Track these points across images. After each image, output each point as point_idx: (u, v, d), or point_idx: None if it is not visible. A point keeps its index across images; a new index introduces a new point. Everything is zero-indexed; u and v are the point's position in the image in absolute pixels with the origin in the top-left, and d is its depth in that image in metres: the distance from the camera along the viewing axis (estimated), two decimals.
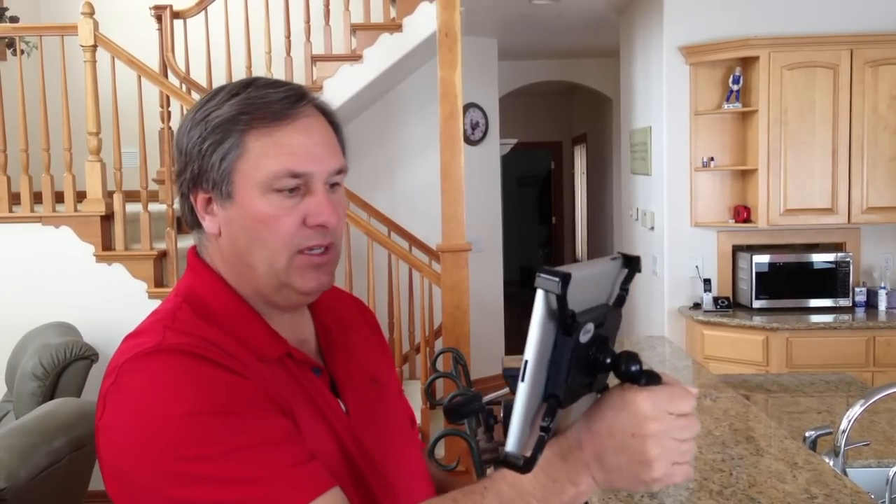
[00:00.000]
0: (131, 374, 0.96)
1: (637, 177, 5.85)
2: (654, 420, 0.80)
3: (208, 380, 0.95)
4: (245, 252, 1.06)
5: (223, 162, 1.03)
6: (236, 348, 1.01)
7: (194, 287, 1.09)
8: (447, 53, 4.37)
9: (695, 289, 5.06)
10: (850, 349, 4.48)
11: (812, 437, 2.12)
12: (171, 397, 0.93)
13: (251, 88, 1.06)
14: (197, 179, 1.06)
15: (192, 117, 1.07)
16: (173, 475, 0.91)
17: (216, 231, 1.08)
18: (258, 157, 1.03)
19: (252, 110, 1.03)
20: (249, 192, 1.03)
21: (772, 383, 3.06)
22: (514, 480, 0.87)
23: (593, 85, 8.48)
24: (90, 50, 4.43)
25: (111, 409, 0.96)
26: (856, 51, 4.66)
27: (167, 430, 0.92)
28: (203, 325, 1.03)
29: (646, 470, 0.81)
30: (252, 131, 1.03)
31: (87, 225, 4.45)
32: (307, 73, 5.43)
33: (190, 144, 1.05)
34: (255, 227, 1.04)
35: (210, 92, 1.10)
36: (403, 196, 6.20)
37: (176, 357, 0.96)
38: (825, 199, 4.74)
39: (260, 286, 1.07)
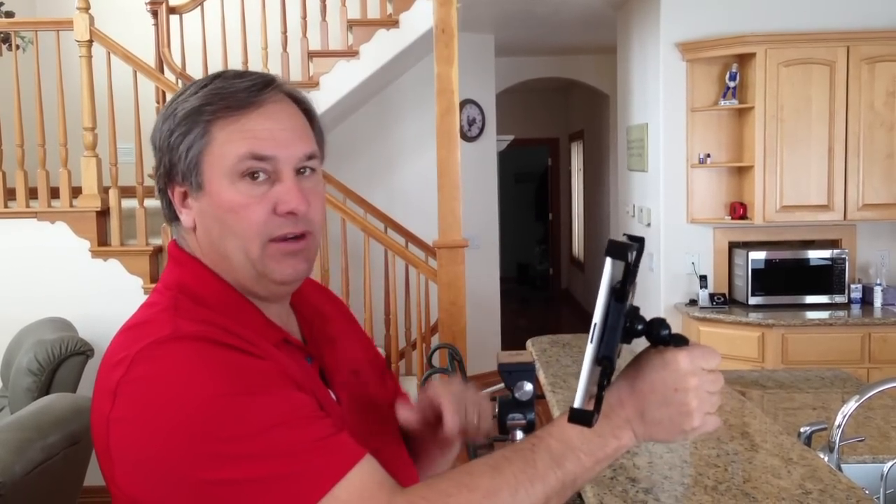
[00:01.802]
0: (149, 362, 0.95)
1: (634, 173, 5.85)
2: (693, 375, 0.90)
3: (231, 363, 0.95)
4: (218, 243, 1.05)
5: (189, 152, 1.03)
6: (245, 332, 1.01)
7: (184, 279, 1.07)
8: (444, 49, 4.36)
9: (691, 285, 5.07)
10: (845, 345, 4.49)
11: (807, 433, 2.12)
12: (196, 381, 0.92)
13: (219, 80, 1.06)
14: (170, 173, 1.06)
15: (163, 112, 1.07)
16: (208, 457, 0.90)
17: (191, 224, 1.07)
18: (223, 144, 1.03)
19: (217, 100, 1.03)
20: (217, 181, 1.03)
21: (767, 379, 3.06)
22: (562, 436, 0.94)
23: (590, 81, 8.48)
24: (86, 45, 4.42)
25: (128, 400, 0.94)
26: (852, 48, 4.66)
27: (197, 413, 0.91)
28: (207, 313, 1.02)
29: (687, 420, 0.91)
30: (218, 121, 1.03)
31: (83, 220, 4.45)
32: (303, 68, 5.42)
33: (161, 138, 1.06)
34: (226, 217, 1.03)
35: (181, 88, 1.10)
36: (400, 192, 6.20)
37: (194, 343, 0.96)
38: (821, 196, 4.74)
39: (239, 277, 1.07)
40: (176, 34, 5.58)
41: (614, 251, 0.91)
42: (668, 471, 1.81)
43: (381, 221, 5.65)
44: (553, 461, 0.93)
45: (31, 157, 4.53)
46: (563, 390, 2.48)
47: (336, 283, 4.83)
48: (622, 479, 1.77)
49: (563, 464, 0.93)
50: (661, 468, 1.83)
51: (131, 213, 4.51)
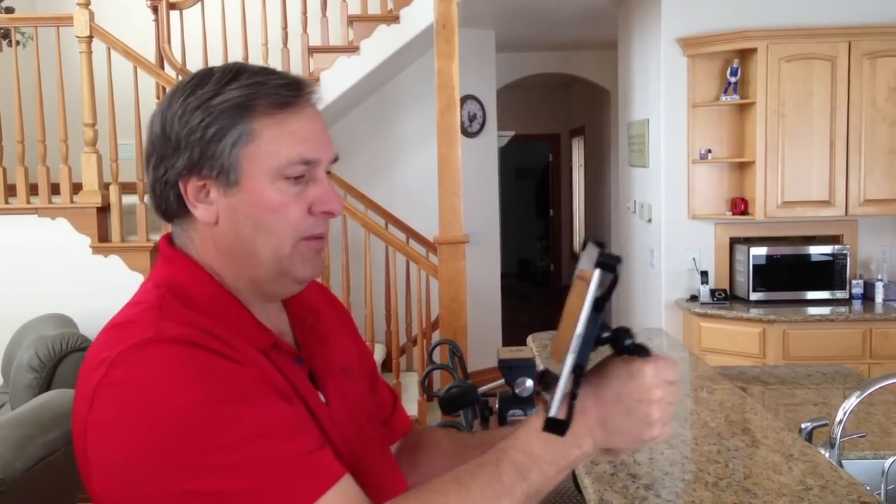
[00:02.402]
0: (129, 365, 0.92)
1: (635, 169, 5.85)
2: (658, 387, 0.93)
3: (215, 369, 0.93)
4: (249, 240, 1.03)
5: (233, 149, 1.01)
6: (230, 337, 0.99)
7: (175, 277, 1.05)
8: (444, 45, 4.36)
9: (692, 281, 5.06)
10: (846, 341, 4.49)
11: (808, 429, 2.12)
12: (179, 387, 0.90)
13: (248, 75, 1.04)
14: (196, 166, 1.02)
15: (182, 102, 1.02)
16: (188, 467, 0.88)
17: (212, 219, 1.04)
18: (270, 143, 1.01)
19: (259, 96, 1.02)
20: (259, 179, 1.02)
21: (768, 375, 3.06)
22: (526, 447, 0.95)
23: (591, 77, 8.46)
24: (86, 41, 4.41)
25: (106, 404, 0.92)
26: (854, 43, 4.65)
27: (179, 420, 0.89)
28: (193, 315, 1.00)
29: (647, 430, 0.94)
30: (261, 118, 1.02)
31: (84, 216, 4.44)
32: (304, 64, 5.41)
33: (186, 130, 1.01)
34: (263, 215, 1.02)
35: (192, 78, 1.05)
36: (401, 188, 6.19)
37: (177, 346, 0.94)
38: (823, 192, 4.73)
39: (259, 274, 1.05)
40: (176, 30, 5.57)
41: (606, 264, 0.92)
42: (669, 467, 1.81)
43: (381, 217, 5.65)
44: (518, 474, 0.94)
45: (31, 154, 4.53)
46: None
47: (337, 279, 4.83)
48: (623, 476, 1.76)
49: (527, 476, 0.94)
50: (662, 464, 1.83)
51: (132, 209, 4.51)
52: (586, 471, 1.80)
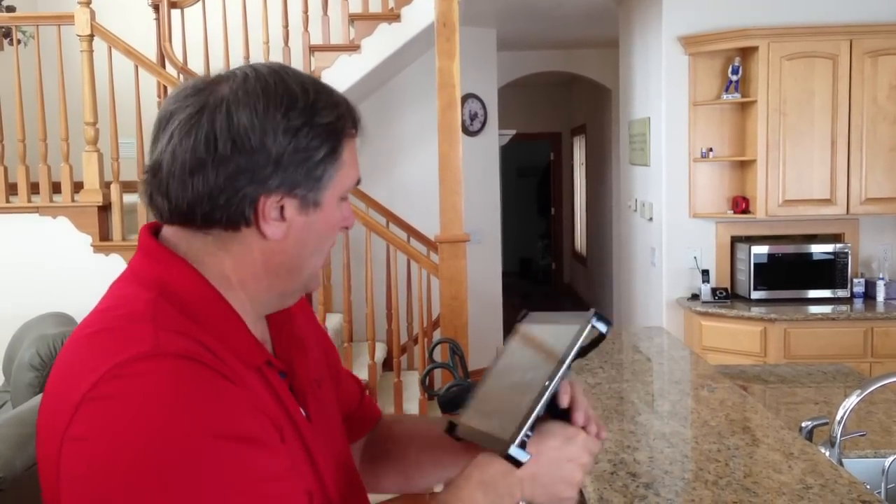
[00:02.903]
0: (124, 380, 0.84)
1: (636, 168, 5.84)
2: (587, 454, 1.04)
3: (223, 395, 0.87)
4: (304, 257, 1.01)
5: (335, 172, 1.00)
6: (225, 353, 0.93)
7: (169, 280, 0.96)
8: (445, 43, 4.35)
9: (693, 280, 5.06)
10: (848, 340, 4.48)
11: (808, 428, 2.12)
12: (180, 411, 0.83)
13: (322, 92, 1.01)
14: (293, 185, 0.97)
15: (284, 116, 0.95)
16: (172, 500, 0.81)
17: (280, 236, 0.98)
18: (348, 166, 1.02)
19: (342, 119, 1.01)
20: (333, 200, 1.01)
21: (769, 374, 3.06)
22: (471, 498, 1.00)
23: (593, 76, 8.45)
24: (87, 39, 4.41)
25: (93, 419, 0.83)
26: (855, 41, 4.65)
27: (175, 449, 0.82)
28: (190, 326, 0.92)
29: (568, 489, 1.03)
30: (346, 141, 1.01)
31: (85, 215, 4.45)
32: (305, 63, 5.41)
33: (292, 148, 0.95)
34: (326, 233, 1.02)
35: (274, 86, 0.97)
36: (402, 187, 6.19)
37: (179, 363, 0.86)
38: (824, 190, 4.73)
39: (288, 289, 1.03)
40: (177, 28, 5.57)
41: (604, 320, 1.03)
42: (669, 465, 1.81)
43: (382, 216, 5.65)
44: None
45: (32, 152, 4.53)
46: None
47: (338, 278, 4.83)
48: (622, 474, 1.76)
49: None
50: (662, 463, 1.83)
51: (133, 207, 4.51)
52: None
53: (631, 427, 2.08)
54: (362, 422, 1.32)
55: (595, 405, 2.27)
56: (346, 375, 1.31)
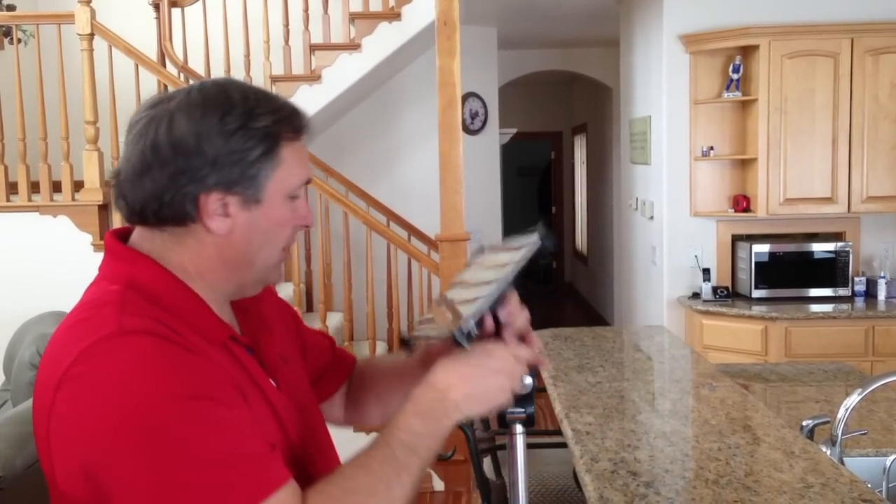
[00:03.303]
0: (94, 358, 0.96)
1: (637, 166, 5.84)
2: (509, 361, 1.11)
3: (181, 362, 0.99)
4: (254, 251, 1.12)
5: (269, 172, 1.09)
6: (189, 333, 1.04)
7: (135, 275, 1.08)
8: (446, 42, 4.34)
9: (694, 278, 5.05)
10: (849, 339, 4.48)
11: (809, 427, 2.11)
12: (147, 380, 0.95)
13: (263, 101, 1.11)
14: (230, 183, 1.07)
15: (220, 121, 1.07)
16: (148, 458, 0.93)
17: (225, 231, 1.09)
18: (291, 167, 1.11)
19: (282, 124, 1.11)
20: (277, 198, 1.11)
21: (770, 373, 3.06)
22: (409, 427, 1.07)
23: (593, 74, 8.45)
24: (87, 38, 4.41)
25: (72, 396, 0.96)
26: (856, 39, 4.64)
27: (148, 413, 0.93)
28: (155, 310, 1.04)
29: (501, 396, 1.11)
30: (286, 143, 1.11)
31: (85, 214, 4.45)
32: (305, 61, 5.41)
33: (227, 150, 1.06)
34: (273, 230, 1.12)
35: (213, 96, 1.09)
36: (402, 186, 6.18)
37: (141, 338, 0.98)
38: (825, 189, 4.72)
39: (245, 280, 1.15)
40: (178, 27, 5.57)
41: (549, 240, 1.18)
42: (670, 464, 1.81)
43: (383, 215, 5.64)
44: (409, 450, 1.06)
45: (32, 151, 4.53)
46: (565, 383, 2.48)
47: (338, 276, 4.83)
48: (623, 473, 1.76)
49: (417, 451, 1.06)
50: (663, 462, 1.82)
51: None
52: (586, 468, 1.80)
53: (631, 426, 2.08)
54: (339, 370, 1.46)
55: (595, 404, 2.27)
56: (315, 334, 1.46)
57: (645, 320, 5.64)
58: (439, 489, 4.47)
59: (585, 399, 2.31)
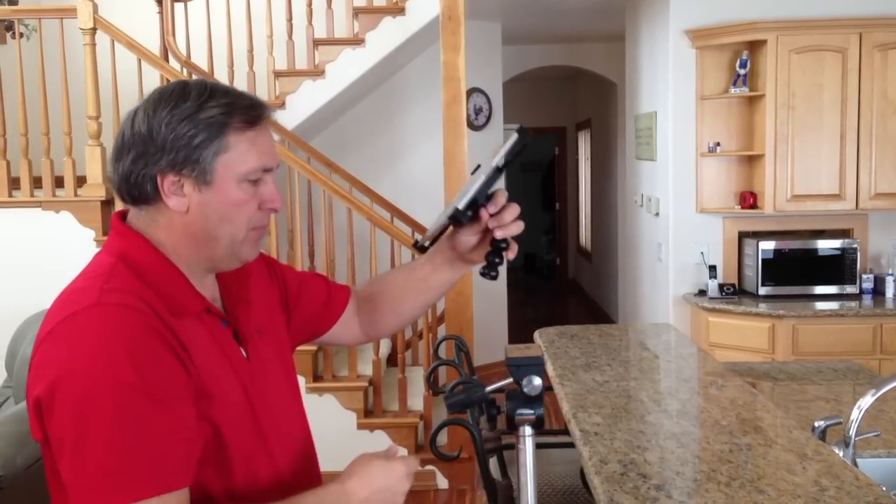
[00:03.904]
0: (69, 323, 1.14)
1: (642, 162, 5.80)
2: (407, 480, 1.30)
3: (142, 346, 1.13)
4: (213, 228, 1.26)
5: (215, 156, 1.24)
6: (165, 307, 1.20)
7: (128, 250, 1.25)
8: (450, 37, 4.31)
9: (700, 275, 5.02)
10: (857, 336, 4.44)
11: (821, 428, 2.08)
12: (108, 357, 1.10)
13: (220, 94, 1.26)
14: (178, 165, 1.23)
15: (169, 112, 1.23)
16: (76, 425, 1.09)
17: (184, 209, 1.25)
18: (241, 153, 1.25)
19: (235, 113, 1.25)
20: (228, 181, 1.25)
21: (778, 371, 3.02)
22: None
23: (598, 70, 8.40)
24: (90, 33, 4.38)
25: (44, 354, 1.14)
26: (865, 34, 4.60)
27: (95, 389, 1.09)
28: (136, 284, 1.20)
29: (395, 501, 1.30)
30: (234, 132, 1.25)
31: (88, 210, 4.43)
32: (309, 56, 5.38)
33: (173, 136, 1.22)
34: (228, 209, 1.26)
35: (172, 91, 1.26)
36: (406, 182, 6.15)
37: (117, 310, 1.14)
38: (833, 185, 4.68)
39: (215, 255, 1.29)
40: (181, 22, 5.54)
41: (523, 130, 1.29)
42: (681, 466, 1.77)
43: (387, 211, 5.60)
44: None
45: (35, 146, 4.51)
46: (572, 382, 2.44)
47: (342, 273, 4.80)
48: (633, 475, 1.73)
49: None
50: (673, 464, 1.79)
51: None
52: (595, 470, 1.77)
53: (640, 427, 2.04)
54: (336, 301, 1.64)
55: (602, 403, 2.24)
56: (307, 276, 1.64)
57: (650, 317, 5.61)
58: (443, 487, 4.44)
59: (593, 398, 2.28)
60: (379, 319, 1.67)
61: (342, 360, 4.75)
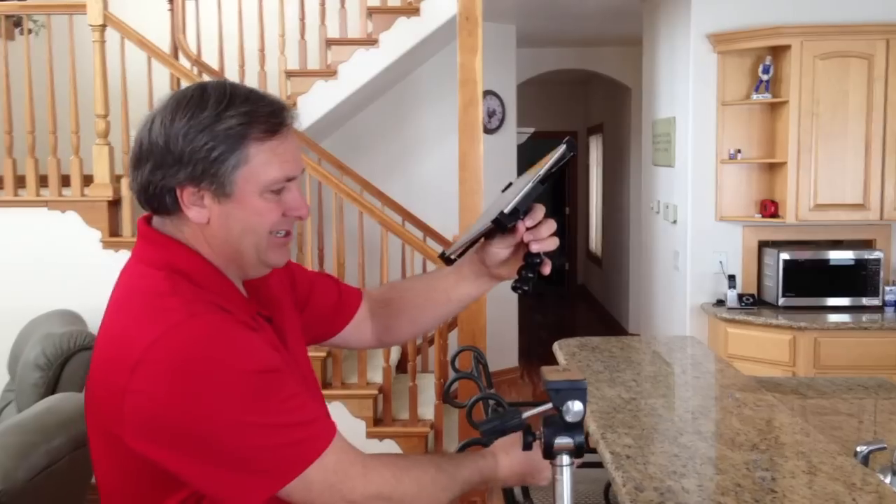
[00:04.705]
0: (170, 340, 1.10)
1: (659, 168, 5.69)
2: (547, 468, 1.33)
3: (247, 338, 1.15)
4: (236, 239, 1.23)
5: (234, 170, 1.20)
6: (237, 310, 1.20)
7: (174, 260, 1.22)
8: (467, 38, 4.21)
9: (718, 285, 4.91)
10: (880, 350, 4.32)
11: (864, 453, 1.97)
12: (225, 357, 1.11)
13: (240, 100, 1.21)
14: (197, 178, 1.19)
15: (186, 123, 1.18)
16: (231, 425, 1.09)
17: (204, 220, 1.22)
18: (261, 165, 1.21)
19: (254, 124, 1.20)
20: (250, 192, 1.21)
21: (806, 388, 2.91)
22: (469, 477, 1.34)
23: (612, 74, 8.29)
24: (99, 30, 4.29)
25: (150, 374, 1.09)
26: (892, 41, 4.48)
27: (233, 386, 1.10)
28: (203, 292, 1.19)
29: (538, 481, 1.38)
30: (254, 143, 1.20)
31: (94, 210, 4.33)
32: (321, 57, 5.28)
33: (191, 149, 1.18)
34: (250, 220, 1.23)
35: (189, 97, 1.21)
36: (419, 185, 6.05)
37: (212, 318, 1.14)
38: (857, 195, 4.57)
39: (244, 263, 1.27)
40: (192, 20, 5.45)
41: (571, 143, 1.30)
42: (721, 496, 1.67)
43: (398, 214, 5.50)
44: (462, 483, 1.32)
45: (41, 145, 4.41)
46: (598, 399, 2.34)
47: (352, 277, 4.70)
48: None
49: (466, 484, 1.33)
50: (713, 493, 1.68)
51: None
52: (631, 499, 1.66)
53: (674, 450, 1.94)
54: (347, 305, 1.61)
55: (632, 423, 2.13)
56: (318, 276, 1.61)
57: (666, 326, 5.50)
58: None
59: (621, 417, 2.17)
60: (394, 326, 1.63)
61: (351, 367, 4.65)
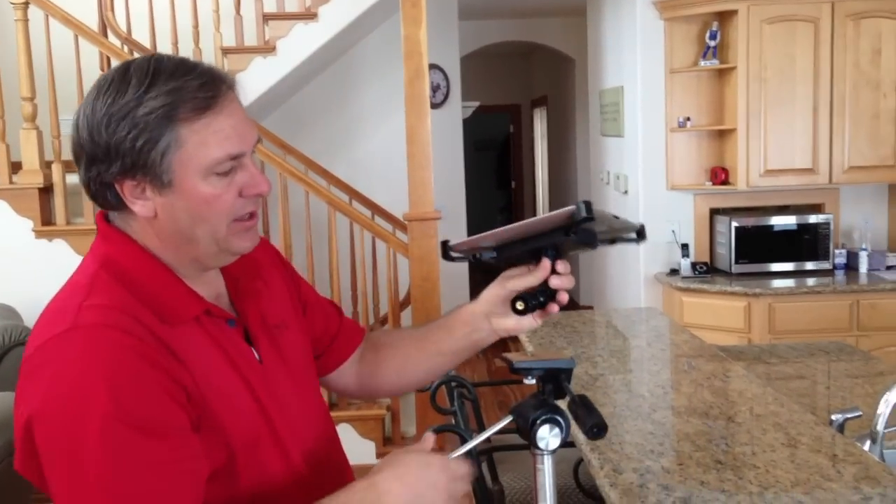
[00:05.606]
0: (46, 357, 1.01)
1: (608, 139, 5.64)
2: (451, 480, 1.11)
3: (127, 372, 0.99)
4: (188, 229, 1.11)
5: (164, 157, 1.06)
6: (153, 317, 1.07)
7: (112, 254, 1.12)
8: (411, 9, 4.09)
9: (672, 254, 4.88)
10: (833, 313, 4.34)
11: (840, 421, 1.92)
12: (90, 393, 0.97)
13: (164, 77, 1.07)
14: (128, 171, 1.07)
15: (106, 111, 1.06)
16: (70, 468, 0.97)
17: (151, 214, 1.10)
18: (197, 146, 1.07)
19: (180, 103, 1.06)
20: (191, 179, 1.08)
21: (769, 355, 2.88)
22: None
23: (555, 45, 8.21)
24: (21, 7, 4.07)
25: (22, 390, 1.02)
26: (837, 4, 4.47)
27: (81, 429, 0.96)
28: (120, 294, 1.07)
29: None
30: (185, 123, 1.06)
31: (24, 198, 4.12)
32: (258, 32, 5.09)
33: (116, 140, 1.06)
34: (198, 208, 1.09)
35: (110, 81, 1.08)
36: (364, 162, 5.91)
37: (95, 334, 1.01)
38: (806, 160, 4.56)
39: (199, 254, 1.14)
40: None
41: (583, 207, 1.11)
42: (703, 474, 1.60)
43: (345, 193, 5.36)
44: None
45: None
46: None
47: (300, 259, 4.56)
48: (654, 487, 1.55)
49: None
50: (695, 471, 1.61)
51: (77, 189, 4.16)
52: (610, 482, 1.58)
53: (649, 427, 1.87)
54: (347, 341, 1.46)
55: (603, 401, 2.06)
56: (323, 304, 1.46)
57: (620, 298, 5.47)
58: None
59: (591, 395, 2.09)
60: (379, 374, 1.47)
61: None
